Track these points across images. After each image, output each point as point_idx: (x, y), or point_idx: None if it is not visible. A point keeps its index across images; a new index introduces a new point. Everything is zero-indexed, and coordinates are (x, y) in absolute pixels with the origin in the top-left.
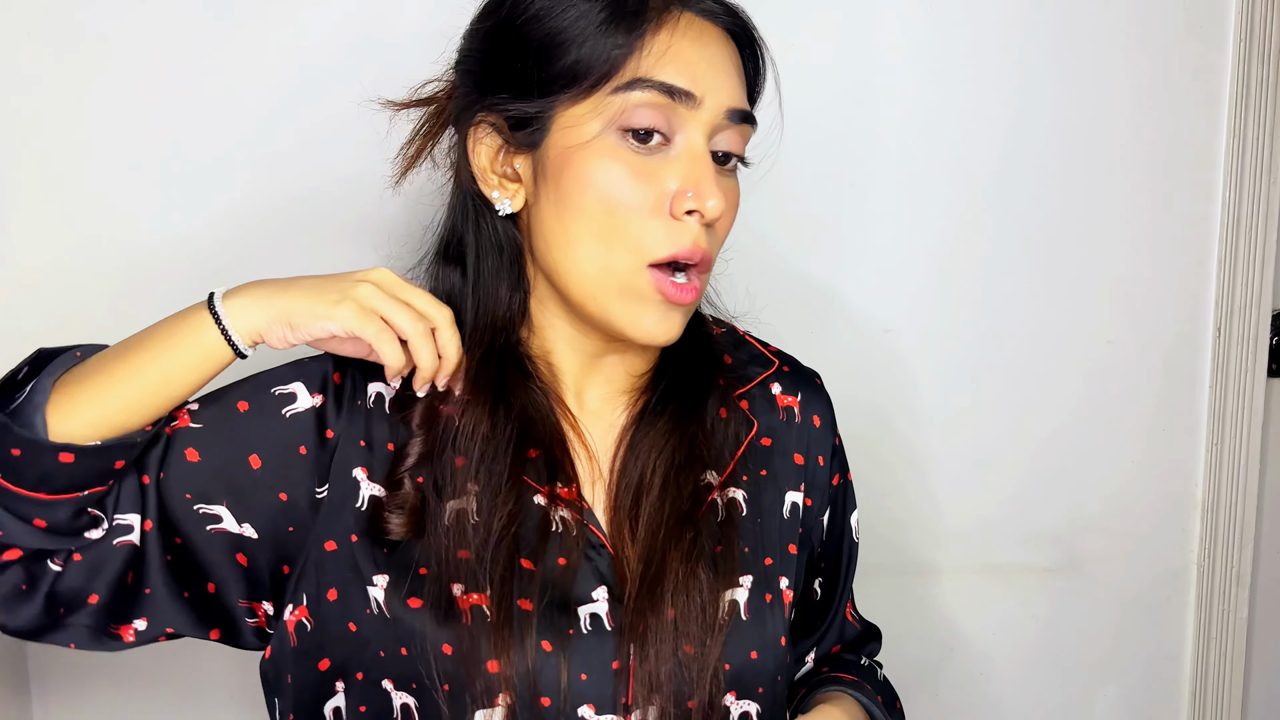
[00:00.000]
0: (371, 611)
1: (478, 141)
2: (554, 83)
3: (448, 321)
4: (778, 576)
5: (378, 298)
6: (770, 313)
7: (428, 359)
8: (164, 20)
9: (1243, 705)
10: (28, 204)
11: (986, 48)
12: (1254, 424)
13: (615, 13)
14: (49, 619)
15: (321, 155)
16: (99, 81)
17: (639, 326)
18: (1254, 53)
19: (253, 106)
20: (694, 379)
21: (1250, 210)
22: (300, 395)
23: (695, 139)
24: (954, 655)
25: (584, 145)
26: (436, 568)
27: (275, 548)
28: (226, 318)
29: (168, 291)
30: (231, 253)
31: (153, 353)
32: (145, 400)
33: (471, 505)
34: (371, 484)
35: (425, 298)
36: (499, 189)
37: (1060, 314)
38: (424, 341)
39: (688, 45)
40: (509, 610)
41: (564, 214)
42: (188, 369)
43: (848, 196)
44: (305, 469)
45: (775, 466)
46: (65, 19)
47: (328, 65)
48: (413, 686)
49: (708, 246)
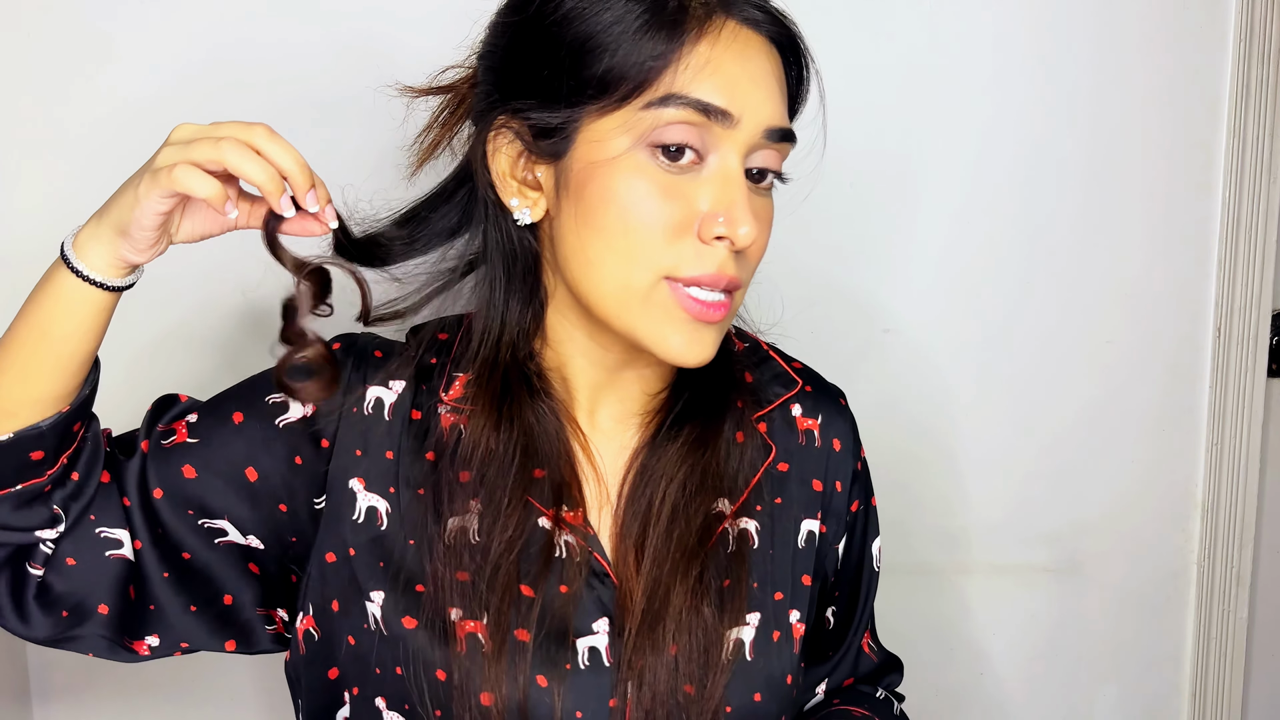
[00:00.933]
0: (369, 627)
1: (497, 145)
2: (582, 92)
3: (265, 134)
4: (788, 610)
5: (175, 152)
6: (770, 313)
7: (257, 173)
8: (171, 6)
9: (1243, 705)
10: (27, 204)
11: (985, 49)
12: (1254, 424)
13: (653, 19)
14: (59, 627)
15: (335, 142)
16: (103, 74)
17: (667, 345)
18: (1254, 53)
19: (264, 94)
20: (711, 400)
21: (1250, 210)
22: (294, 404)
23: (730, 160)
24: (954, 655)
25: (611, 161)
26: (434, 588)
27: (282, 557)
28: (74, 257)
29: (170, 289)
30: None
31: (26, 317)
32: (37, 367)
33: (473, 524)
34: (369, 494)
35: (229, 125)
36: (518, 196)
37: (1060, 314)
38: (241, 157)
39: (730, 59)
40: (504, 640)
41: (585, 230)
42: (63, 319)
43: (848, 197)
44: (302, 480)
45: (792, 494)
46: (69, 17)
47: (343, 47)
48: (405, 708)
49: (735, 273)
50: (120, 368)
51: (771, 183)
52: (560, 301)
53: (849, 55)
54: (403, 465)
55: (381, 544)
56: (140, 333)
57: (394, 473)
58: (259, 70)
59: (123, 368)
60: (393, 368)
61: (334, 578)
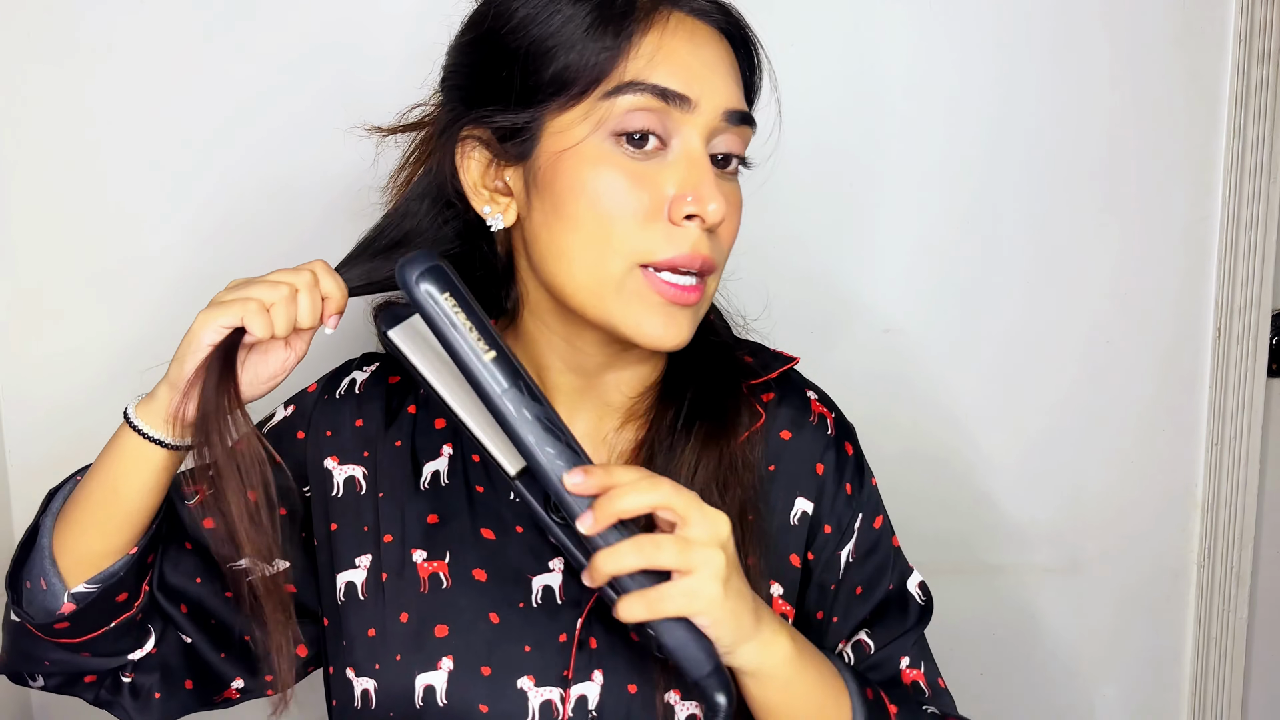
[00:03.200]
0: (340, 599)
1: (465, 157)
2: (542, 91)
3: (323, 269)
4: (768, 580)
5: (226, 294)
6: (770, 312)
7: (305, 314)
8: (162, 30)
9: (1243, 705)
10: (26, 204)
11: (985, 48)
12: (1254, 424)
13: (602, 15)
14: (166, 710)
15: (306, 171)
16: (98, 86)
17: (643, 331)
18: (1254, 53)
19: (239, 134)
20: (717, 391)
21: (1250, 210)
22: (278, 411)
23: (692, 142)
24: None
25: (575, 151)
26: (401, 531)
27: (306, 561)
28: (135, 417)
29: (166, 292)
30: (238, 245)
31: (97, 476)
32: (109, 521)
33: (444, 468)
34: (344, 467)
35: (278, 271)
36: (490, 204)
37: (1060, 314)
38: (285, 306)
39: (679, 46)
40: (464, 579)
41: (557, 223)
42: (131, 477)
43: (848, 197)
44: (286, 475)
45: (788, 465)
46: (66, 23)
47: (311, 88)
48: (375, 668)
49: (709, 253)
50: (121, 368)
51: (736, 168)
52: (536, 305)
53: (849, 55)
54: (378, 427)
55: (362, 506)
56: (141, 332)
57: (366, 436)
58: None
59: (124, 368)
60: (370, 357)
61: (322, 560)
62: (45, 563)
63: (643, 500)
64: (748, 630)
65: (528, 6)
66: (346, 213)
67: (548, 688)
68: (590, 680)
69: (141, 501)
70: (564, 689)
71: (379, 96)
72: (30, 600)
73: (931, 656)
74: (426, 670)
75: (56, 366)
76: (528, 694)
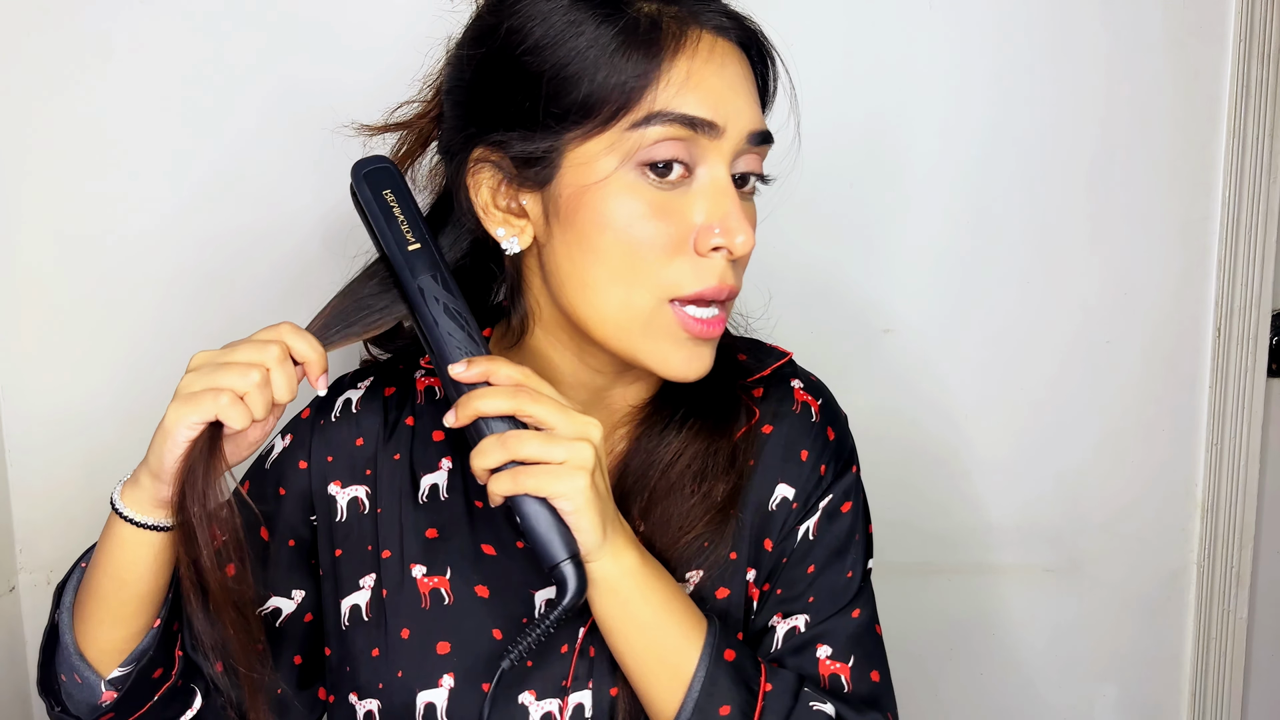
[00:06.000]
0: (345, 625)
1: (477, 177)
2: (564, 119)
3: (291, 333)
4: (744, 569)
5: (195, 381)
6: (770, 312)
7: (282, 391)
8: (162, 30)
9: (1243, 705)
10: (27, 204)
11: (985, 48)
12: (1254, 424)
13: (628, 39)
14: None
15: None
16: (100, 85)
17: (668, 366)
18: (1254, 53)
19: (232, 131)
20: (712, 391)
21: (1250, 210)
22: (276, 443)
23: (718, 171)
24: (954, 655)
25: (601, 184)
26: (400, 546)
27: (317, 591)
28: (125, 507)
29: (166, 291)
30: (238, 246)
31: (99, 569)
32: (122, 609)
33: (443, 481)
34: (346, 490)
35: (246, 346)
36: (504, 225)
37: (1060, 314)
38: (259, 392)
39: (709, 71)
40: (465, 595)
41: (580, 256)
42: (131, 563)
43: (848, 196)
44: (292, 506)
45: (768, 458)
46: (66, 23)
47: (304, 82)
48: (379, 687)
49: (734, 282)
50: (121, 367)
51: (754, 186)
52: (549, 323)
53: (849, 56)
54: (378, 442)
55: (365, 526)
56: (141, 332)
57: (366, 455)
58: None
59: (123, 367)
60: (361, 374)
61: (327, 588)
62: (74, 659)
63: (501, 404)
64: (606, 529)
65: (544, 26)
66: (347, 212)
67: (548, 699)
68: (587, 688)
69: (151, 583)
70: (562, 698)
71: (369, 95)
72: (69, 695)
73: (875, 653)
74: (428, 688)
75: (56, 367)
76: (529, 708)
